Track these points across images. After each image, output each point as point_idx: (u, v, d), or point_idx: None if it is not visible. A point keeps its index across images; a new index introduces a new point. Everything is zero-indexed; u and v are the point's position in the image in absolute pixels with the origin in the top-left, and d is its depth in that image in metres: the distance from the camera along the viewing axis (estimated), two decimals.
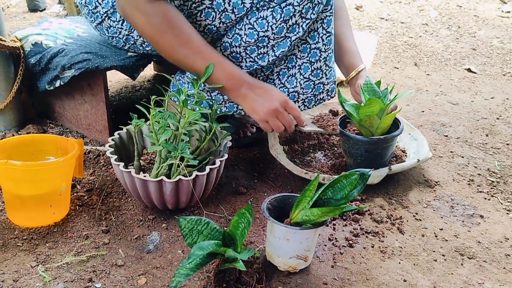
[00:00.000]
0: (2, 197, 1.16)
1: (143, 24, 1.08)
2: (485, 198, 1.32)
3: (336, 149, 1.47)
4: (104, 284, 0.94)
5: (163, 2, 1.08)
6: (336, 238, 1.12)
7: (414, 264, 1.06)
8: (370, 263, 1.05)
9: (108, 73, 1.41)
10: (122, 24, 1.27)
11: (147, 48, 1.32)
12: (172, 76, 1.46)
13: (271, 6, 1.14)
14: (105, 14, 1.27)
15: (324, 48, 1.26)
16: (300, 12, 1.15)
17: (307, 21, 1.18)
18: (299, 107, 1.32)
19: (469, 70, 2.35)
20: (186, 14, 1.19)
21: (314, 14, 1.18)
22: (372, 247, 1.10)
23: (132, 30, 1.27)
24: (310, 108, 1.34)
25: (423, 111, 1.86)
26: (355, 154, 1.28)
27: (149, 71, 2.07)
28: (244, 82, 1.15)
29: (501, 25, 3.07)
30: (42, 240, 1.05)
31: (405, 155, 1.41)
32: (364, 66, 1.39)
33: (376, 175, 1.26)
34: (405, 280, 1.01)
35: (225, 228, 0.91)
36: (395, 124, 1.32)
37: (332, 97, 1.34)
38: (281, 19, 1.15)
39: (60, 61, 1.38)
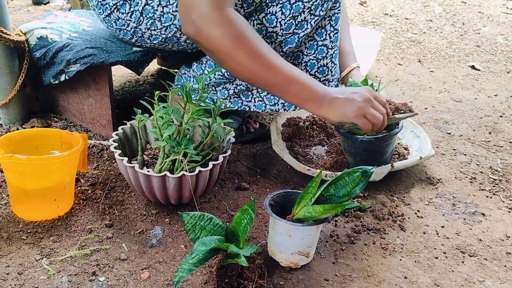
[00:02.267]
0: (7, 191, 1.17)
1: (220, 37, 1.00)
2: (487, 196, 1.32)
3: (339, 146, 1.47)
4: (107, 278, 0.95)
5: (235, 12, 1.02)
6: (337, 235, 1.13)
7: (415, 261, 1.07)
8: (371, 259, 1.06)
9: (112, 67, 1.42)
10: (130, 16, 1.27)
11: (154, 42, 1.32)
12: (176, 70, 1.46)
13: (281, 2, 1.14)
14: (114, 6, 1.27)
15: (331, 45, 1.26)
16: (309, 9, 1.16)
17: (316, 18, 1.18)
18: None
19: (473, 67, 2.35)
20: None
21: (323, 11, 1.18)
22: (374, 243, 1.11)
23: (140, 23, 1.27)
24: None
25: (426, 108, 1.86)
26: (354, 153, 1.28)
27: (153, 65, 2.08)
28: (326, 93, 1.08)
29: (506, 22, 3.06)
30: (47, 233, 1.07)
31: (408, 153, 1.41)
32: (357, 65, 1.39)
33: (378, 172, 1.27)
34: (406, 277, 1.01)
35: (227, 224, 0.92)
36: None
37: None
38: (290, 15, 1.15)
39: (65, 56, 1.38)
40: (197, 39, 1.02)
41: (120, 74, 1.99)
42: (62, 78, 1.42)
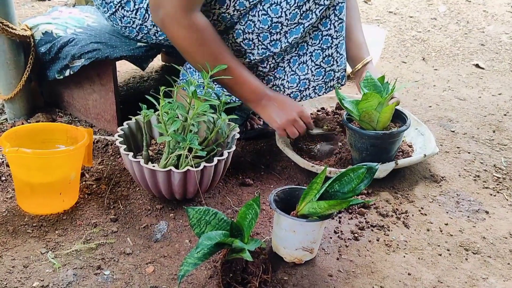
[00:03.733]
0: (13, 185, 1.18)
1: (182, 38, 1.13)
2: (491, 194, 1.32)
3: (342, 144, 1.47)
4: (112, 272, 0.96)
5: (200, 15, 1.12)
6: (341, 231, 1.13)
7: (418, 258, 1.07)
8: (375, 256, 1.06)
9: (117, 63, 1.42)
10: (136, 14, 1.27)
11: (160, 38, 1.32)
12: (181, 66, 1.46)
13: None
14: (119, 4, 1.27)
15: (336, 35, 1.26)
16: None
17: (321, 7, 1.18)
18: (309, 94, 1.33)
19: (477, 65, 2.35)
20: None
21: (327, 1, 1.18)
22: (377, 240, 1.11)
23: (146, 20, 1.28)
24: (320, 95, 1.34)
25: (430, 106, 1.86)
26: (360, 148, 1.28)
27: (157, 61, 2.08)
28: (264, 95, 1.24)
29: (510, 21, 3.05)
30: (52, 227, 1.07)
31: (412, 150, 1.41)
32: (371, 58, 1.39)
33: (382, 169, 1.27)
34: (409, 274, 1.02)
35: (232, 219, 0.92)
36: (402, 119, 1.32)
37: (343, 85, 1.35)
38: (295, 5, 1.15)
39: (70, 51, 1.39)
40: (161, 31, 1.17)
41: (125, 70, 1.99)
42: (67, 73, 1.42)
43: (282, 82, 1.31)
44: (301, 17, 1.17)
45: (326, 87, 1.32)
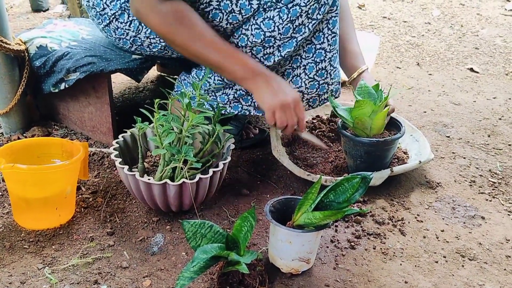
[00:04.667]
0: (9, 200, 1.18)
1: (158, 24, 1.11)
2: (487, 200, 1.33)
3: (338, 151, 1.47)
4: (109, 286, 0.96)
5: (175, 1, 1.10)
6: (338, 240, 1.13)
7: (415, 265, 1.07)
8: (371, 264, 1.06)
9: (112, 75, 1.42)
10: (129, 26, 1.28)
11: (154, 50, 1.33)
12: (176, 77, 1.47)
13: (278, 6, 1.15)
14: (113, 16, 1.28)
15: (329, 49, 1.27)
16: (306, 13, 1.16)
17: (313, 22, 1.19)
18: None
19: (471, 69, 2.36)
20: None
21: (320, 15, 1.19)
22: (374, 248, 1.11)
23: (139, 32, 1.28)
24: (314, 108, 1.35)
25: (425, 112, 1.86)
26: (355, 155, 1.29)
27: (152, 72, 2.09)
28: (260, 73, 1.16)
29: (504, 24, 3.07)
30: (48, 242, 1.07)
31: (407, 157, 1.42)
32: (366, 67, 1.40)
33: (378, 177, 1.27)
34: (406, 282, 1.02)
35: (228, 231, 0.93)
36: (397, 126, 1.33)
37: (337, 97, 1.35)
38: (288, 19, 1.16)
39: (65, 64, 1.39)
40: (138, 18, 1.16)
41: (120, 81, 2.00)
42: (62, 86, 1.43)
43: None
44: (294, 31, 1.18)
45: (320, 99, 1.33)
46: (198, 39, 1.12)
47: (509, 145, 1.63)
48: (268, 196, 1.30)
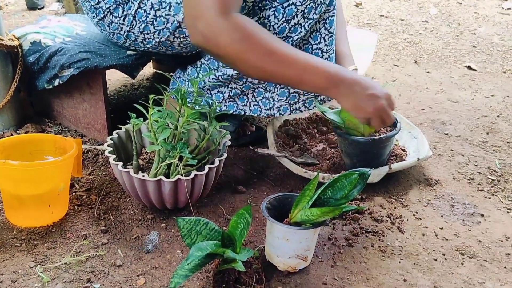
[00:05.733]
0: (0, 197, 1.16)
1: (228, 43, 0.99)
2: (486, 197, 1.31)
3: (336, 148, 1.46)
4: (102, 285, 0.94)
5: (239, 15, 1.01)
6: (335, 238, 1.11)
7: (414, 263, 1.06)
8: (370, 262, 1.05)
9: (107, 71, 1.41)
10: (123, 20, 1.26)
11: (148, 45, 1.31)
12: (172, 74, 1.45)
13: (273, 5, 1.13)
14: (107, 10, 1.26)
15: (326, 49, 1.25)
16: (302, 12, 1.15)
17: (310, 21, 1.17)
18: (299, 108, 1.32)
19: (469, 67, 2.35)
20: None
21: (316, 14, 1.17)
22: (372, 246, 1.10)
23: (133, 27, 1.27)
24: (310, 109, 1.33)
25: (423, 109, 1.85)
26: (351, 154, 1.28)
27: (148, 69, 2.07)
28: (342, 80, 1.06)
29: (502, 22, 3.06)
30: (41, 240, 1.05)
31: (405, 154, 1.41)
32: (355, 67, 1.38)
33: (376, 174, 1.26)
34: (405, 280, 1.00)
35: (224, 228, 0.91)
36: (393, 123, 1.31)
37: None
38: (283, 19, 1.14)
39: (59, 60, 1.37)
40: (206, 47, 1.01)
41: (116, 78, 1.98)
42: (56, 82, 1.41)
43: (271, 95, 1.30)
44: (290, 31, 1.16)
45: (317, 100, 1.31)
46: (272, 55, 1.01)
47: (508, 142, 1.62)
48: (265, 193, 1.28)
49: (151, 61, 1.98)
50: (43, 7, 3.19)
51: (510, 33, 2.87)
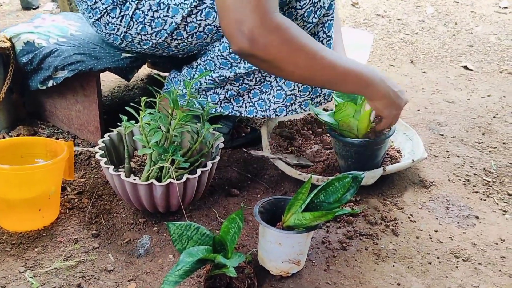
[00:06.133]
0: None
1: (276, 44, 0.95)
2: (481, 199, 1.30)
3: (330, 150, 1.45)
4: None
5: (278, 15, 0.96)
6: (329, 241, 1.11)
7: (408, 267, 1.05)
8: (363, 266, 1.04)
9: (102, 73, 1.39)
10: (120, 21, 1.25)
11: (145, 47, 1.30)
12: (165, 76, 1.44)
13: None
14: (104, 10, 1.25)
15: None
16: (302, 16, 1.14)
17: (309, 25, 1.16)
18: (295, 109, 1.31)
19: (465, 67, 2.34)
20: (186, 13, 1.17)
21: (316, 18, 1.16)
22: (366, 249, 1.09)
23: (130, 28, 1.25)
24: (306, 111, 1.33)
25: (418, 110, 1.84)
26: (345, 156, 1.27)
27: (143, 70, 2.05)
28: (372, 83, 1.09)
29: (499, 21, 3.05)
30: (31, 244, 1.04)
31: (400, 155, 1.40)
32: None
33: (370, 176, 1.25)
34: (399, 284, 0.99)
35: (217, 232, 0.90)
36: None
37: (329, 101, 1.33)
38: None
39: (53, 62, 1.36)
40: (252, 52, 0.96)
41: (110, 79, 1.97)
42: (50, 84, 1.40)
43: (268, 97, 1.29)
44: None
45: (313, 103, 1.31)
46: (316, 54, 1.00)
47: (504, 143, 1.61)
48: (259, 196, 1.27)
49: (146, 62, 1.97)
50: (37, 7, 3.17)
51: (507, 32, 2.86)
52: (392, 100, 1.13)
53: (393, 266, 1.05)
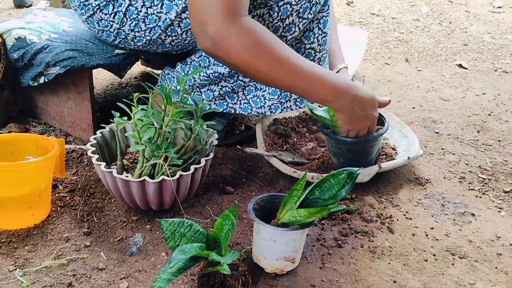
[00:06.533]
0: None
1: (238, 49, 0.97)
2: (477, 196, 1.30)
3: (325, 147, 1.44)
4: None
5: (249, 19, 0.98)
6: (324, 238, 1.09)
7: (404, 264, 1.04)
8: (359, 263, 1.03)
9: (94, 70, 1.37)
10: (113, 17, 1.23)
11: (138, 44, 1.28)
12: (159, 73, 1.42)
13: (269, 4, 1.11)
14: (97, 7, 1.23)
15: (319, 49, 1.23)
16: (297, 12, 1.13)
17: (304, 21, 1.15)
18: (290, 106, 1.30)
19: (460, 65, 2.34)
20: (180, 9, 1.15)
21: (311, 14, 1.15)
22: (362, 247, 1.08)
23: (124, 24, 1.23)
24: (301, 108, 1.32)
25: (414, 108, 1.84)
26: (338, 153, 1.25)
27: (136, 67, 2.03)
28: (348, 96, 1.07)
29: (493, 21, 3.06)
30: (21, 243, 1.02)
31: (396, 153, 1.39)
32: (345, 65, 1.36)
33: (365, 173, 1.24)
34: (394, 281, 0.98)
35: (211, 230, 0.89)
36: (381, 122, 1.29)
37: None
38: (278, 17, 1.12)
39: (45, 58, 1.34)
40: (215, 53, 0.99)
41: (103, 76, 1.95)
42: (41, 80, 1.38)
43: (263, 94, 1.28)
44: (284, 30, 1.14)
45: (308, 100, 1.29)
46: (281, 63, 1.00)
47: (499, 141, 1.61)
48: (253, 193, 1.26)
49: (139, 59, 1.95)
50: (30, 5, 3.14)
51: (501, 31, 2.87)
52: (356, 116, 1.11)
53: (389, 263, 1.04)
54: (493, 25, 2.97)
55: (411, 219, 1.19)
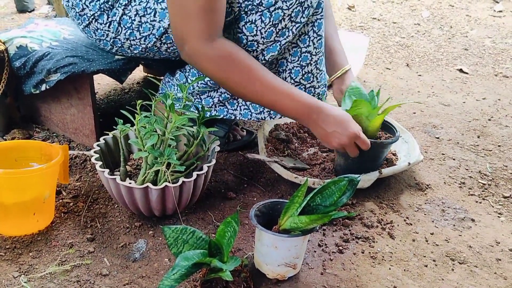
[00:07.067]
0: None
1: (212, 69, 1.09)
2: (477, 201, 1.31)
3: (327, 152, 1.45)
4: None
5: (223, 41, 1.08)
6: (325, 244, 1.10)
7: (404, 269, 1.05)
8: (360, 269, 1.04)
9: (96, 75, 1.39)
10: (109, 27, 1.24)
11: (135, 51, 1.30)
12: (161, 78, 1.44)
13: (260, 10, 1.12)
14: (92, 17, 1.24)
15: (315, 52, 1.24)
16: (289, 16, 1.14)
17: (297, 25, 1.16)
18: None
19: (461, 70, 2.35)
20: None
21: (304, 18, 1.16)
22: (362, 252, 1.09)
23: (119, 33, 1.25)
24: None
25: (414, 113, 1.85)
26: (346, 154, 1.26)
27: (139, 73, 2.05)
28: (315, 110, 1.13)
29: (493, 25, 3.07)
30: (26, 249, 1.03)
31: (396, 158, 1.40)
32: (349, 66, 1.38)
33: (366, 179, 1.25)
34: (395, 287, 0.99)
35: (213, 236, 0.89)
36: (389, 130, 1.31)
37: (323, 101, 1.33)
38: (270, 23, 1.13)
39: (46, 65, 1.35)
40: (193, 65, 1.12)
41: (105, 82, 1.96)
42: (43, 87, 1.39)
43: None
44: (277, 35, 1.15)
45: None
46: (253, 81, 1.10)
47: (499, 146, 1.61)
48: (255, 199, 1.27)
49: (141, 65, 1.97)
50: (33, 10, 3.16)
51: (502, 36, 2.88)
52: (329, 135, 1.14)
53: (389, 269, 1.04)
54: (493, 30, 2.98)
55: (411, 224, 1.20)
